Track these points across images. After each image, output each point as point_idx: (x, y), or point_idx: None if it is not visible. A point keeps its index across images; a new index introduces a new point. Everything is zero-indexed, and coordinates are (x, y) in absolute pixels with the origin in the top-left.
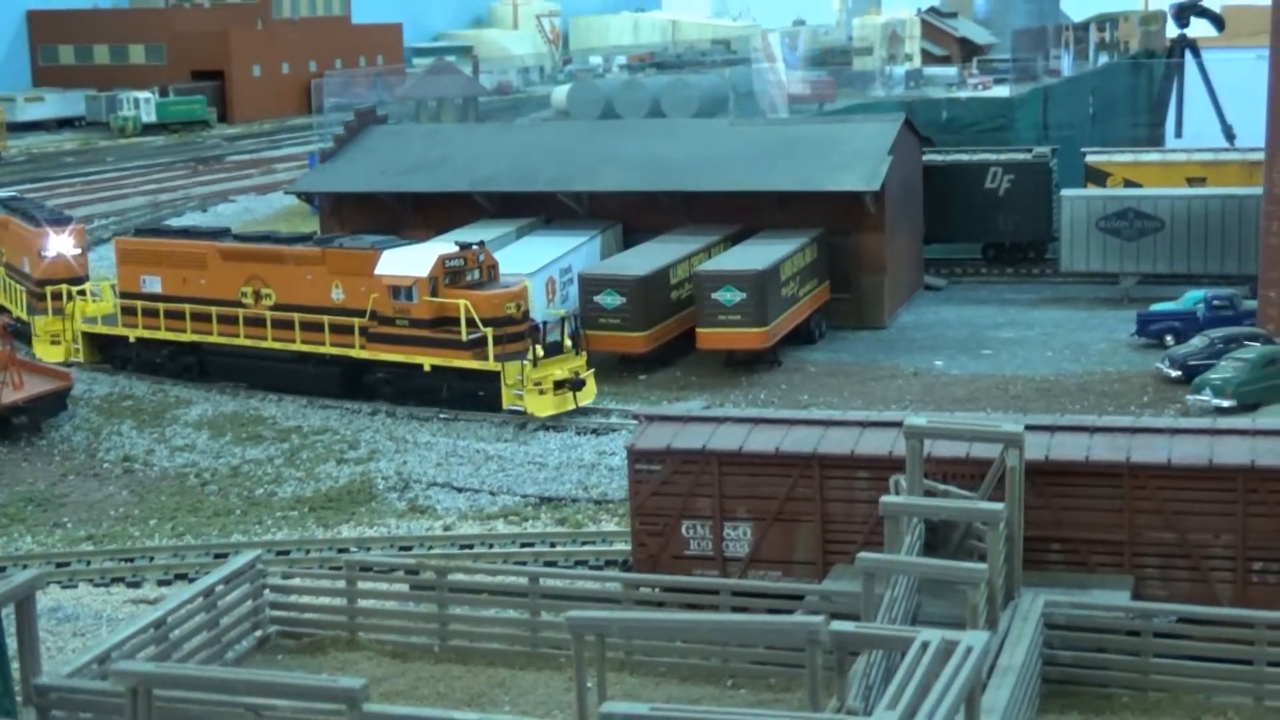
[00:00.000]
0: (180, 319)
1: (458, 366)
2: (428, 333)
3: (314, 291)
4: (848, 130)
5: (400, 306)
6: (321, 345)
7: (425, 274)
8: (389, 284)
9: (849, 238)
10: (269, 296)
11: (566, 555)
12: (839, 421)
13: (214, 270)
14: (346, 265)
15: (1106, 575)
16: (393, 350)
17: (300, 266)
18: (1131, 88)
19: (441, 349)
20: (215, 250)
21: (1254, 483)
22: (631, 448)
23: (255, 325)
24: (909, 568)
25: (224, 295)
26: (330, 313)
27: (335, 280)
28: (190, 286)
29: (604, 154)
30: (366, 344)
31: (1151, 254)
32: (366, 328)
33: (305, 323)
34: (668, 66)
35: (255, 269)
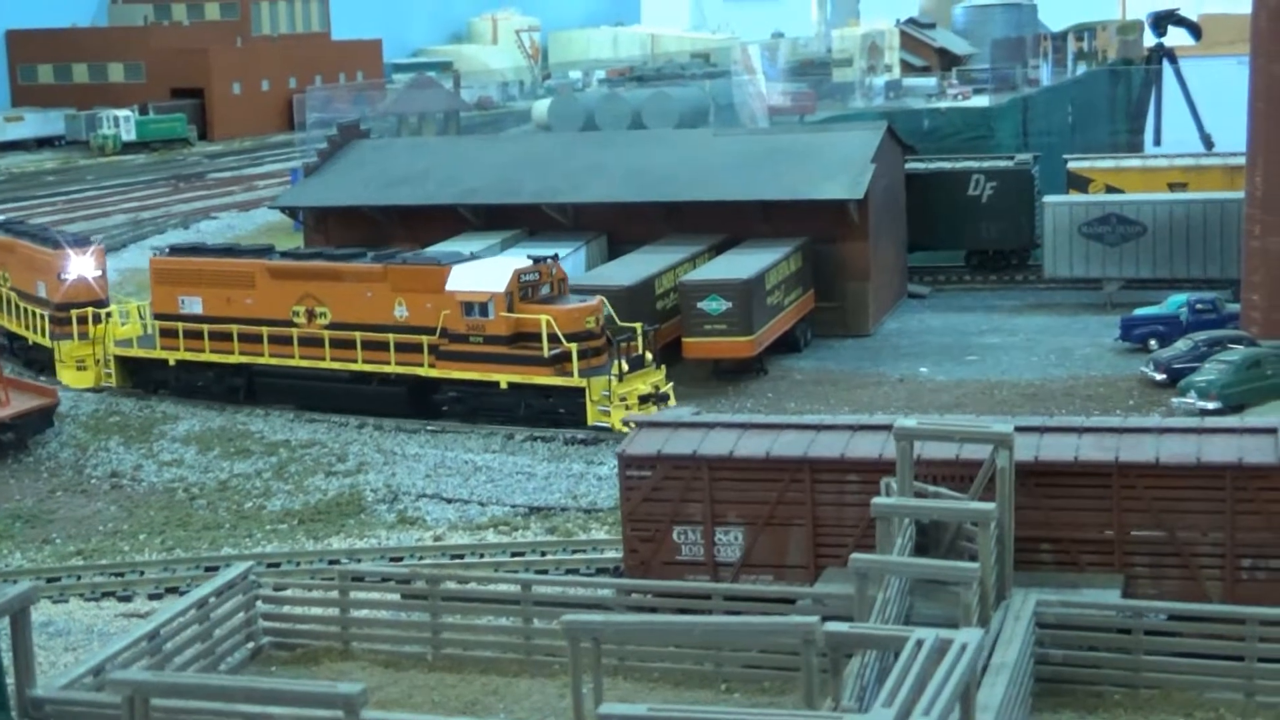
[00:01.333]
0: (227, 340)
1: (538, 383)
2: (504, 349)
3: (375, 309)
4: (830, 139)
5: (474, 323)
6: (386, 364)
7: (502, 289)
8: (462, 300)
9: (833, 246)
10: (324, 315)
11: (557, 564)
12: (829, 425)
13: (263, 289)
14: (412, 282)
15: (1097, 574)
16: (465, 368)
17: (360, 284)
18: (1110, 97)
19: (520, 365)
20: (264, 269)
21: (1242, 480)
22: (622, 454)
23: (311, 345)
24: (902, 568)
25: (274, 315)
26: (393, 331)
27: (399, 297)
28: (236, 306)
29: (588, 165)
30: (436, 362)
31: (1134, 259)
32: (436, 345)
33: (367, 341)
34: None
35: (308, 287)
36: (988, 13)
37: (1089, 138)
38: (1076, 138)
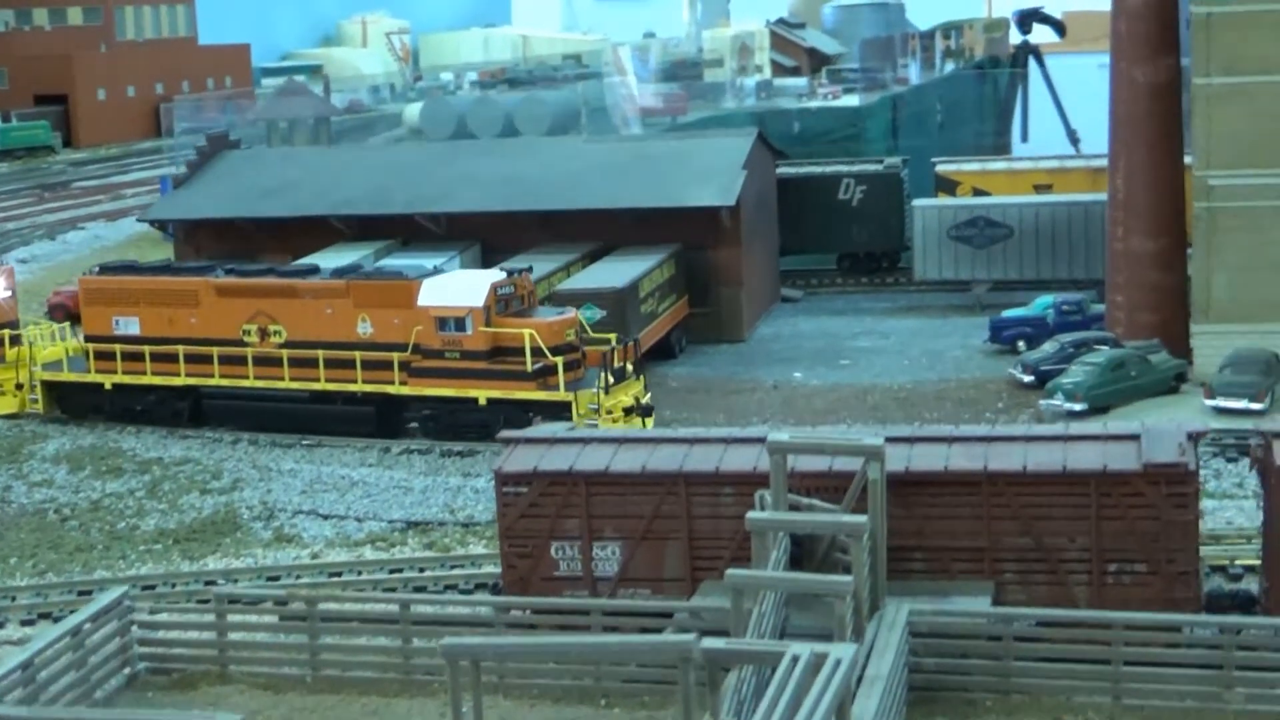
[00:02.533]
0: (171, 361)
1: (521, 399)
2: (483, 364)
3: (336, 326)
4: (702, 145)
5: (450, 338)
6: (352, 383)
7: (480, 303)
8: (436, 315)
9: (706, 252)
10: (278, 334)
11: (436, 580)
12: (703, 439)
13: (209, 308)
14: (377, 297)
15: (968, 582)
16: (440, 385)
17: (319, 300)
18: (978, 94)
19: (500, 381)
20: (210, 286)
21: (1107, 487)
22: (499, 471)
23: (266, 365)
24: (777, 583)
25: (222, 334)
26: (357, 348)
27: (362, 313)
28: (179, 326)
29: (461, 174)
30: (408, 379)
31: (1002, 261)
32: (408, 362)
33: (330, 360)
34: (520, 83)
35: (261, 305)
36: (856, 13)
37: (958, 136)
38: (946, 136)
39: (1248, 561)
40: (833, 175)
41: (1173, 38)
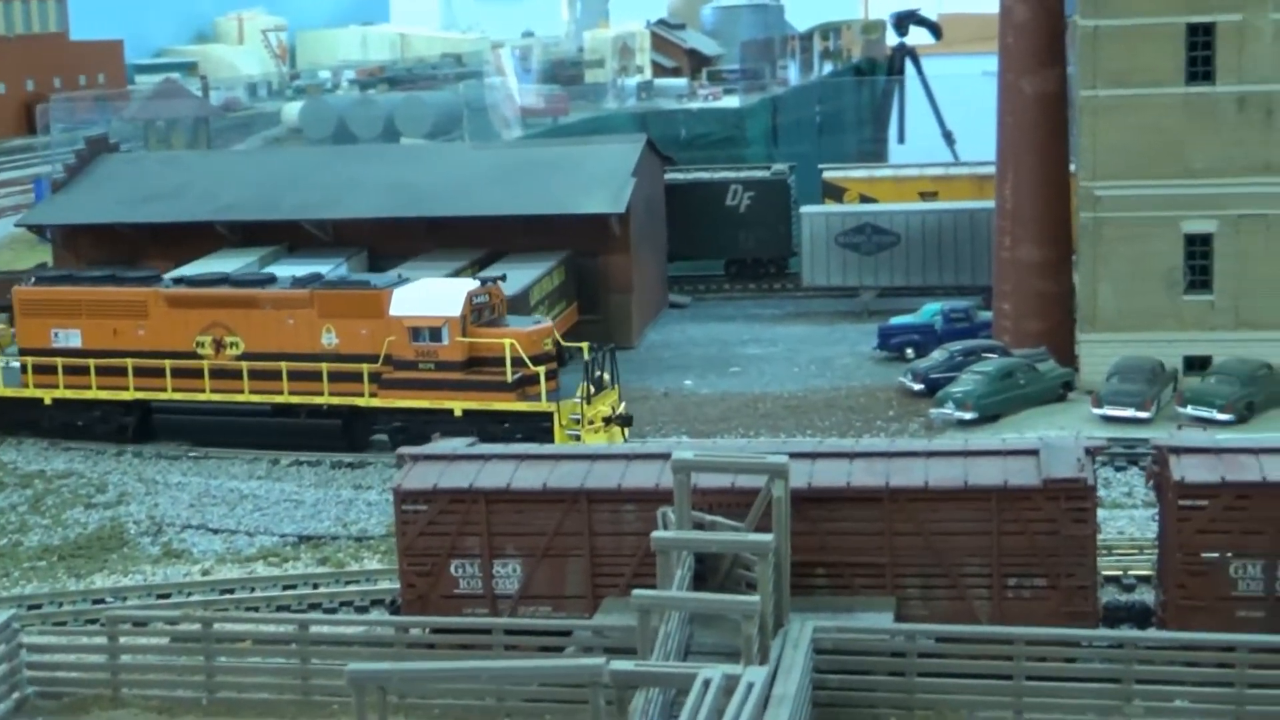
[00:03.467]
0: (117, 375)
1: (500, 410)
2: (460, 375)
3: (298, 337)
4: (591, 152)
5: (424, 349)
6: (318, 395)
7: (457, 313)
8: (410, 325)
9: (596, 259)
10: (235, 345)
11: (331, 596)
12: (605, 455)
13: (159, 319)
14: (344, 307)
15: (870, 597)
16: (414, 396)
17: (280, 311)
18: (856, 95)
19: (478, 392)
20: (160, 297)
21: (1006, 502)
22: (398, 488)
23: (223, 377)
24: (684, 603)
25: (173, 346)
26: (321, 359)
27: (327, 324)
28: (125, 339)
29: (348, 180)
30: (379, 391)
31: (889, 268)
32: (379, 373)
33: (294, 372)
34: (399, 82)
35: (217, 316)
36: (735, 14)
37: (836, 137)
38: (824, 137)
39: (1141, 572)
40: (720, 181)
41: (1059, 49)
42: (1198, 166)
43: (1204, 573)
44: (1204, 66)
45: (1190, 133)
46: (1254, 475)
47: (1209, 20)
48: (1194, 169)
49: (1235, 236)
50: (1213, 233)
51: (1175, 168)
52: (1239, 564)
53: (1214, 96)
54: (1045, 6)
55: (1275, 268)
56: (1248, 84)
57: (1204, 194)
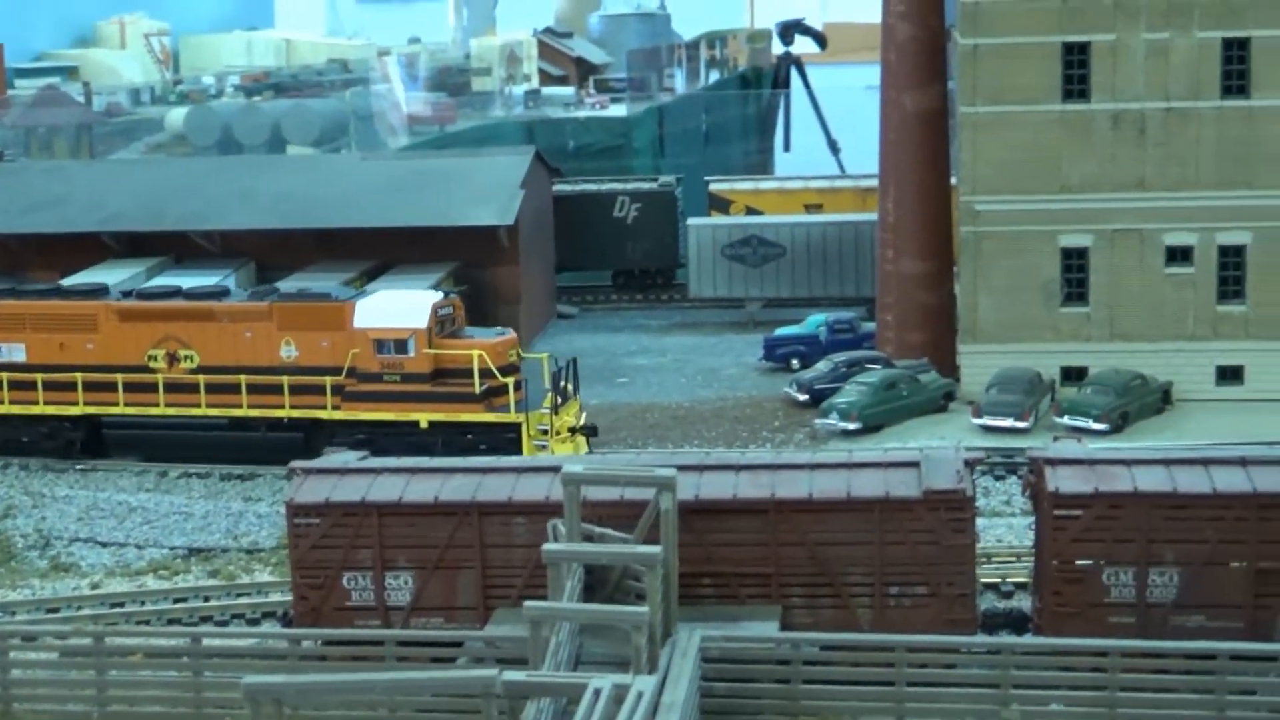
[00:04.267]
0: (65, 390)
1: (468, 421)
2: (427, 387)
3: (256, 350)
4: (480, 164)
5: (390, 361)
6: (278, 409)
7: (424, 325)
8: (375, 337)
9: (484, 271)
10: (190, 359)
11: (223, 609)
12: (495, 468)
13: (109, 333)
14: (305, 319)
15: (756, 607)
16: (380, 409)
17: (237, 323)
18: (742, 103)
19: (445, 403)
20: (110, 310)
21: (888, 513)
22: (290, 502)
23: (178, 391)
24: (574, 615)
25: (124, 360)
26: (280, 372)
27: (286, 336)
28: (73, 353)
29: (236, 191)
30: (342, 403)
31: (775, 279)
32: (342, 386)
33: (255, 385)
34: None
35: (170, 329)
36: (622, 22)
37: (723, 147)
38: (711, 146)
39: (1019, 580)
40: (608, 193)
41: (940, 66)
42: (1074, 182)
43: (1078, 580)
44: (1080, 84)
45: (1067, 149)
46: (1126, 486)
47: (1084, 40)
48: (1070, 184)
49: (1110, 251)
50: (1089, 247)
51: (1052, 183)
52: (1111, 571)
53: (1089, 114)
54: (926, 25)
55: (1148, 281)
56: (1122, 102)
57: (1080, 209)
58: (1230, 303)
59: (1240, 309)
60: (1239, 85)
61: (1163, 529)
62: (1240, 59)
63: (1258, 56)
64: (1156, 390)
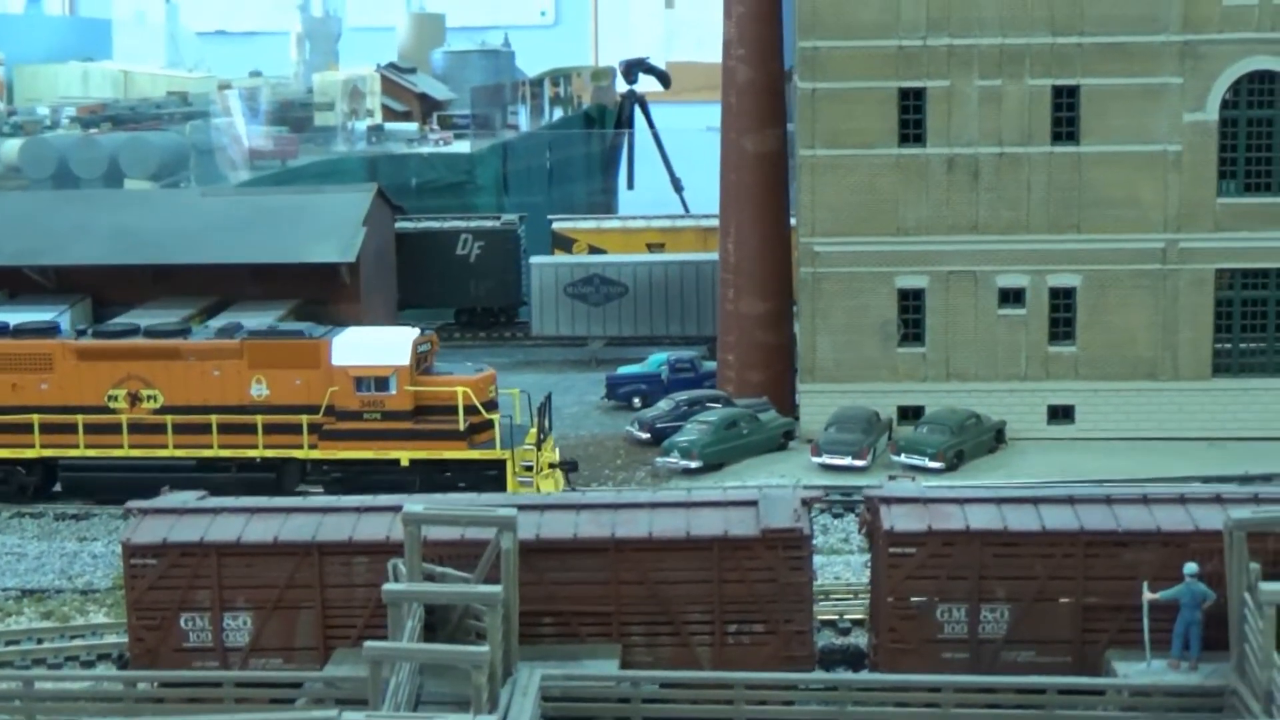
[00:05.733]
0: (19, 432)
1: (451, 458)
2: (409, 425)
3: (225, 389)
4: (321, 201)
5: (370, 399)
6: (251, 449)
7: (406, 362)
8: (356, 375)
9: (326, 307)
10: (153, 399)
11: (56, 651)
12: (336, 508)
13: (65, 372)
14: (277, 357)
15: (597, 645)
16: (359, 447)
17: (205, 362)
18: (586, 141)
19: (427, 441)
20: (67, 349)
21: (727, 551)
22: (127, 542)
23: (142, 432)
24: (414, 654)
25: (82, 400)
26: (250, 411)
27: (257, 374)
28: (25, 393)
29: (71, 225)
30: (319, 442)
31: (617, 318)
32: (319, 424)
33: (225, 425)
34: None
35: (133, 368)
36: (466, 58)
37: (567, 184)
38: (555, 183)
39: (856, 616)
40: (451, 230)
41: (780, 109)
42: (910, 224)
43: (912, 617)
44: (915, 129)
45: (903, 192)
46: (958, 524)
47: (920, 86)
48: (907, 227)
49: (945, 292)
50: (924, 288)
51: (889, 225)
52: (945, 608)
53: (925, 158)
54: (766, 69)
55: (982, 322)
56: (956, 147)
57: (916, 251)
58: (1061, 344)
59: (1070, 349)
60: (1068, 132)
61: (994, 566)
62: (1070, 106)
63: (1086, 104)
64: (990, 429)
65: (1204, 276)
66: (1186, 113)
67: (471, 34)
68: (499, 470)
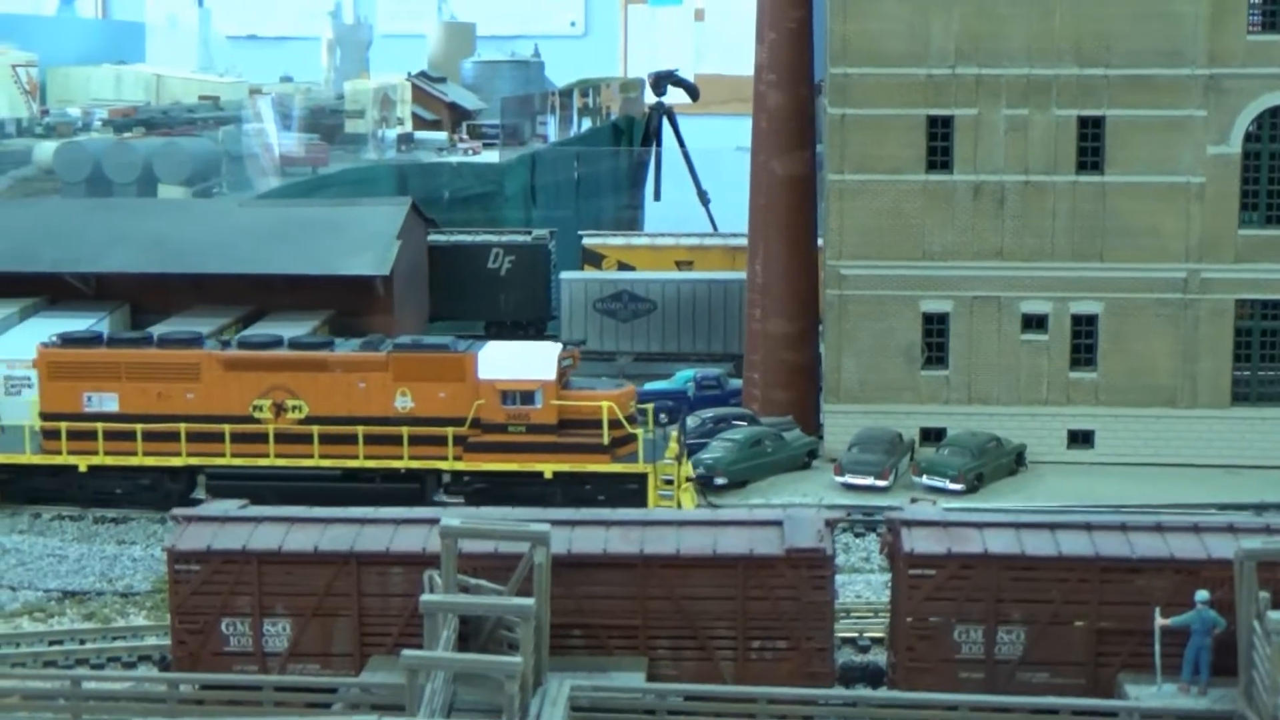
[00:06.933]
0: (166, 440)
1: (594, 471)
2: (553, 438)
3: (369, 401)
4: (357, 214)
5: (516, 412)
6: (396, 459)
7: (552, 377)
8: (503, 389)
9: (360, 319)
10: (298, 409)
11: (99, 652)
12: (374, 519)
13: (211, 383)
14: (423, 370)
15: (624, 658)
16: (504, 459)
17: (351, 374)
18: (613, 152)
19: (571, 454)
20: (215, 360)
21: (752, 569)
22: (171, 549)
23: (288, 442)
24: (451, 664)
25: (227, 410)
26: (393, 423)
27: (402, 387)
28: (171, 402)
29: (111, 234)
30: (463, 454)
31: (645, 334)
32: (464, 436)
33: (370, 436)
34: (155, 124)
35: (278, 379)
36: (496, 69)
37: (594, 196)
38: (582, 193)
39: (876, 634)
40: (482, 244)
41: (809, 133)
42: (936, 250)
43: (930, 637)
44: (943, 156)
45: (929, 218)
46: (977, 547)
47: (948, 114)
48: (932, 252)
49: (969, 317)
50: (949, 312)
51: (915, 250)
52: (962, 629)
53: (951, 184)
54: (796, 94)
55: (1005, 347)
56: (982, 174)
57: (941, 276)
58: (1082, 370)
59: (1091, 376)
60: (1093, 162)
61: (1010, 589)
62: (1095, 136)
63: (1111, 135)
64: (1011, 452)
65: (1224, 306)
66: (1210, 145)
67: (501, 44)
68: (639, 484)
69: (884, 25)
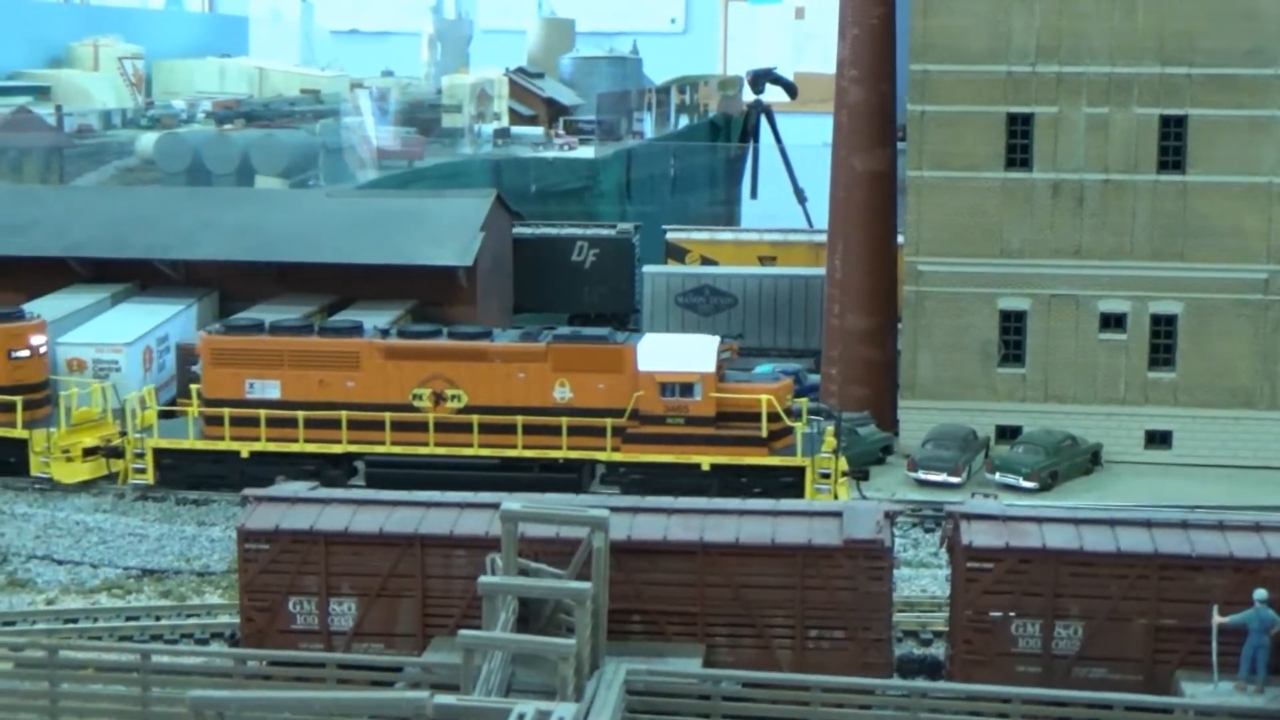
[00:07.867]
0: (326, 428)
1: (752, 464)
2: (711, 430)
3: (528, 391)
4: (442, 205)
5: (675, 404)
6: (554, 449)
7: (712, 369)
8: (662, 380)
9: (442, 309)
10: (457, 398)
11: (173, 629)
12: (439, 503)
13: (371, 371)
14: (582, 361)
15: (681, 644)
16: (662, 450)
17: (510, 364)
18: (710, 149)
19: (729, 447)
20: (375, 348)
21: (810, 559)
22: (241, 528)
23: (447, 431)
24: (506, 644)
25: (387, 398)
26: (553, 413)
27: (561, 378)
28: (332, 390)
29: (201, 222)
30: (621, 445)
31: (726, 328)
32: (623, 427)
33: (531, 426)
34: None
35: (438, 368)
36: (594, 64)
37: (690, 192)
38: (678, 190)
39: (938, 628)
40: (567, 238)
41: (890, 130)
42: (1014, 247)
43: (988, 630)
44: (1022, 154)
45: (1008, 215)
46: (1035, 542)
47: (1028, 111)
48: (1011, 249)
49: (1047, 315)
50: (1026, 310)
51: (993, 247)
52: (1020, 623)
53: (1030, 182)
54: (877, 90)
55: (1082, 346)
56: (1062, 172)
57: (1019, 273)
58: (1160, 370)
59: (1170, 376)
60: (1175, 161)
61: (1069, 584)
62: (1177, 135)
63: (1193, 134)
64: (1086, 451)
65: None
66: None
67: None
68: (796, 477)
69: (965, 22)
